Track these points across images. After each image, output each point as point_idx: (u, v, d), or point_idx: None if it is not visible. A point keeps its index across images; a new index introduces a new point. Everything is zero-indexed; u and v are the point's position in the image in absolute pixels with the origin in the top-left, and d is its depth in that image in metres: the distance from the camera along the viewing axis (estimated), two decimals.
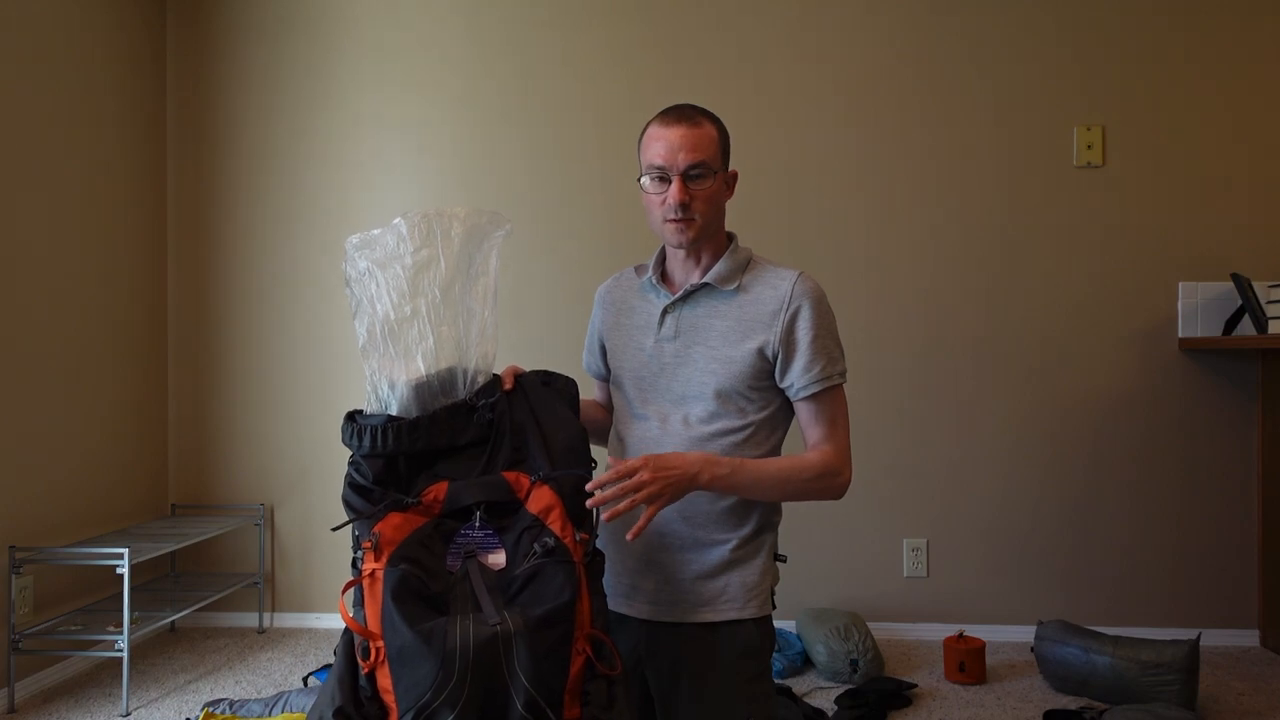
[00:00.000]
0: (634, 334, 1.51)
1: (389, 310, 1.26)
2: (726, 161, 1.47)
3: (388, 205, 3.51)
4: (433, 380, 1.28)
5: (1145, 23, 3.32)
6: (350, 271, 1.29)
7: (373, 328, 1.27)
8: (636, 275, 1.57)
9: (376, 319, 1.26)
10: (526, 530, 1.22)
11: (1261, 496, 3.26)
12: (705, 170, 1.40)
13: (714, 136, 1.43)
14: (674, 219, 1.41)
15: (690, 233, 1.42)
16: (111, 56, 3.30)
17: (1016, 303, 3.35)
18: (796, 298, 1.42)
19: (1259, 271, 3.22)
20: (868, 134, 3.39)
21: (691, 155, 1.39)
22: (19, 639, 2.77)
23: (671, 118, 1.42)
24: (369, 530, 1.19)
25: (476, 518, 1.22)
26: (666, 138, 1.40)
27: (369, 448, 1.23)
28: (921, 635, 3.34)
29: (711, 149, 1.42)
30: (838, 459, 1.43)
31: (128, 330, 3.38)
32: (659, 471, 1.29)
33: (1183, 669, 2.59)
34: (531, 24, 3.49)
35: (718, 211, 1.46)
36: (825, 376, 1.42)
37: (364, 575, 1.17)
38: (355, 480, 1.24)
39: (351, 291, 1.30)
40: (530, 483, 1.26)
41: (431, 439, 1.26)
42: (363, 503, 1.23)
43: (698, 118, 1.42)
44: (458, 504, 1.22)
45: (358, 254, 1.29)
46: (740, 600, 1.42)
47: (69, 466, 3.07)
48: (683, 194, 1.39)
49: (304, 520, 3.56)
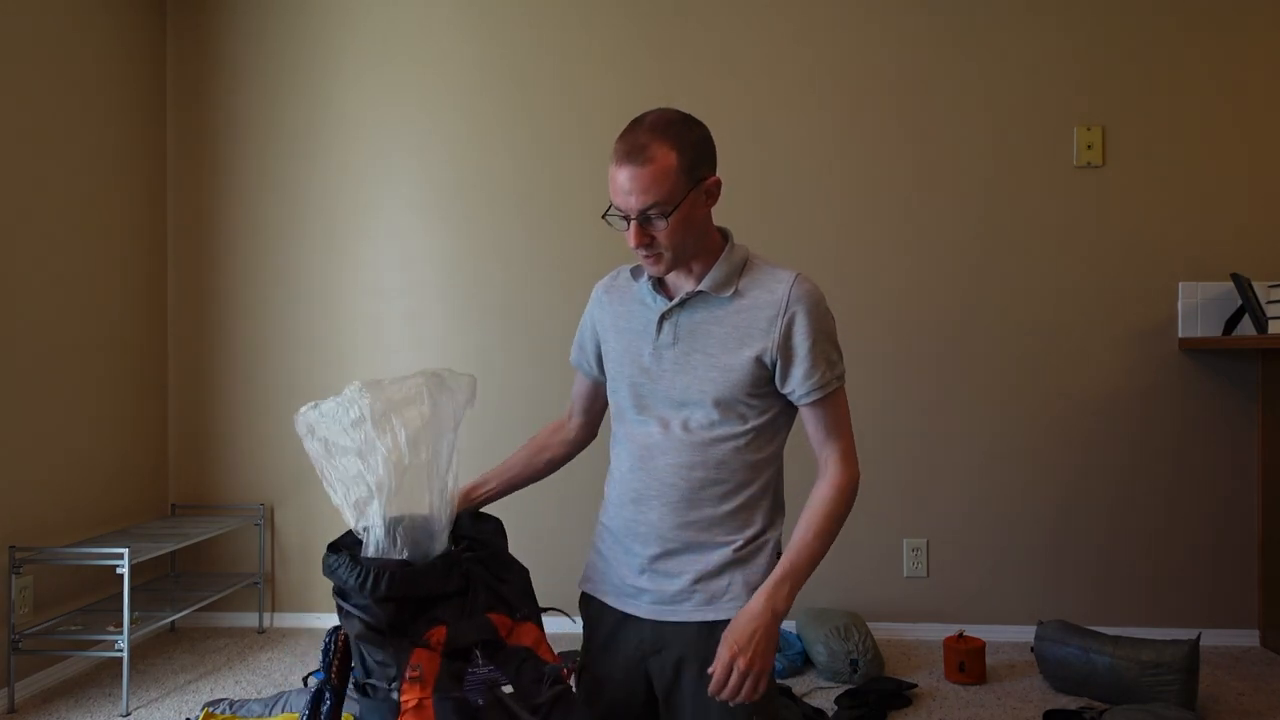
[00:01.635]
0: (632, 339, 1.50)
1: (404, 454, 1.32)
2: (695, 177, 1.38)
3: (388, 205, 3.51)
4: (424, 528, 1.35)
5: (1145, 23, 3.32)
6: (357, 412, 1.32)
7: (387, 468, 1.31)
8: (633, 278, 1.54)
9: (390, 461, 1.31)
10: (524, 663, 1.32)
11: (1261, 496, 3.26)
12: (660, 209, 1.35)
13: (669, 166, 1.34)
14: (642, 255, 1.41)
15: (660, 265, 1.41)
16: (111, 57, 3.30)
17: (1017, 303, 3.35)
18: (793, 303, 1.41)
19: (1259, 271, 3.22)
20: (868, 134, 3.39)
21: (642, 199, 1.34)
22: (19, 639, 2.76)
23: (621, 155, 1.36)
24: (404, 663, 1.25)
25: (477, 656, 1.30)
26: (617, 179, 1.36)
27: (385, 591, 1.27)
28: (921, 635, 3.34)
29: (665, 183, 1.34)
30: (846, 472, 1.44)
31: (127, 330, 3.38)
32: (746, 646, 1.33)
33: (1183, 669, 2.59)
34: (529, 24, 3.49)
35: (690, 234, 1.40)
36: (825, 382, 1.41)
37: (408, 707, 1.22)
38: (370, 624, 1.28)
39: (356, 431, 1.32)
40: (512, 621, 1.37)
41: (432, 585, 1.32)
42: (380, 642, 1.28)
43: (649, 149, 1.34)
44: (456, 644, 1.29)
45: (370, 394, 1.34)
46: (743, 599, 1.42)
47: (69, 466, 3.07)
48: (640, 238, 1.37)
49: (304, 520, 3.56)
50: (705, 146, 1.41)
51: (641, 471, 1.46)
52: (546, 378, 3.42)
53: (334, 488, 1.34)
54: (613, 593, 1.49)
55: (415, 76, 3.53)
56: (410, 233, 3.51)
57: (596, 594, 1.52)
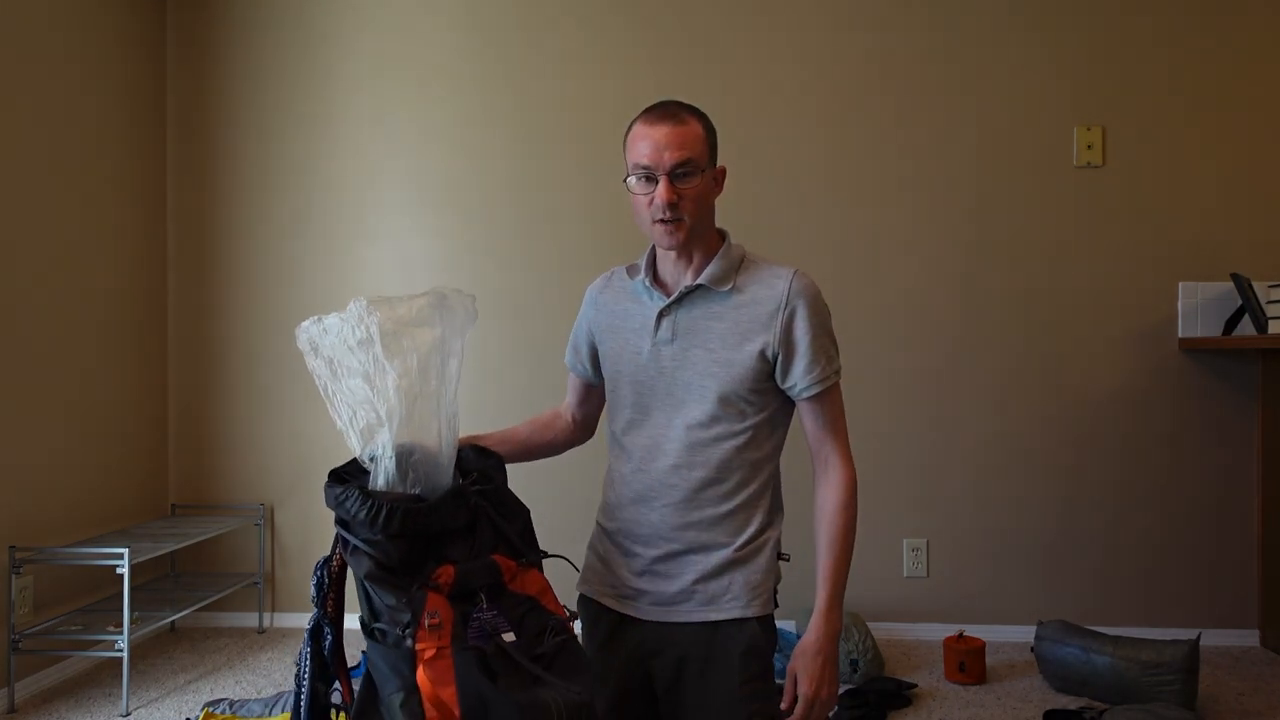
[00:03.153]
0: (630, 337, 1.49)
1: (414, 380, 1.24)
2: (714, 158, 1.43)
3: (387, 206, 3.51)
4: (433, 461, 1.27)
5: (1145, 23, 3.32)
6: (364, 332, 1.24)
7: (399, 395, 1.22)
8: (629, 276, 1.53)
9: (400, 389, 1.22)
10: (529, 612, 1.25)
11: (1261, 496, 3.26)
12: (692, 168, 1.37)
13: (700, 133, 1.39)
14: (662, 219, 1.38)
15: (680, 234, 1.40)
16: (111, 56, 3.30)
17: (1016, 303, 3.35)
18: (793, 297, 1.41)
19: (1259, 271, 3.22)
20: (867, 134, 3.39)
21: (677, 154, 1.35)
22: (19, 639, 2.76)
23: (656, 115, 1.39)
24: (418, 610, 1.17)
25: (482, 599, 1.23)
26: (651, 136, 1.37)
27: (398, 527, 1.20)
28: (921, 635, 3.34)
29: (698, 146, 1.38)
30: (847, 472, 1.45)
31: (128, 330, 3.38)
32: (820, 679, 1.39)
33: (1183, 669, 2.60)
34: (527, 25, 3.49)
35: (707, 210, 1.42)
36: (824, 377, 1.42)
37: (425, 657, 1.15)
38: (382, 562, 1.21)
39: (363, 351, 1.24)
40: (517, 565, 1.29)
41: (444, 521, 1.25)
42: (391, 584, 1.20)
43: (683, 115, 1.39)
44: (464, 587, 1.22)
45: (379, 312, 1.25)
46: (743, 599, 1.42)
47: (69, 466, 3.07)
48: (670, 194, 1.36)
49: (304, 520, 3.56)
50: (716, 138, 1.46)
51: (642, 473, 1.46)
52: (544, 378, 3.42)
53: (339, 411, 1.27)
54: (611, 595, 1.49)
55: (414, 77, 3.53)
56: (408, 233, 3.51)
57: (595, 596, 1.51)
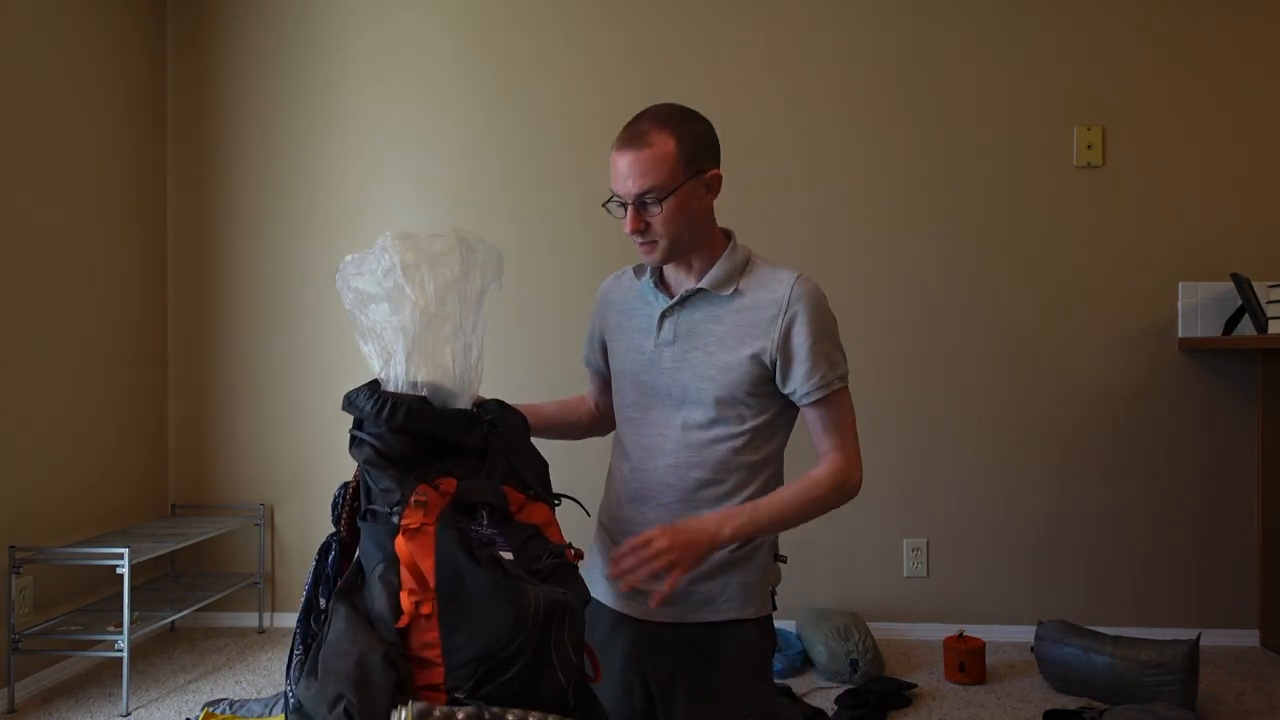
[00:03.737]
0: (634, 336, 1.50)
1: (430, 302, 1.29)
2: (694, 168, 1.39)
3: (387, 204, 3.51)
4: (447, 381, 1.30)
5: (1145, 23, 3.32)
6: (388, 261, 1.32)
7: (414, 315, 1.29)
8: (636, 276, 1.55)
9: (417, 308, 1.29)
10: (530, 539, 1.24)
11: (1261, 496, 3.26)
12: (656, 195, 1.36)
13: (668, 152, 1.36)
14: (638, 242, 1.41)
15: (655, 254, 1.42)
16: (111, 56, 3.30)
17: (1016, 303, 3.35)
18: (794, 302, 1.40)
19: (1259, 271, 3.21)
20: (867, 134, 3.39)
21: (639, 183, 1.36)
22: (19, 639, 2.76)
23: (622, 141, 1.38)
24: (409, 490, 1.19)
25: (483, 516, 1.23)
26: (616, 165, 1.38)
27: (401, 421, 1.22)
28: (921, 635, 3.34)
29: (663, 169, 1.35)
30: (845, 464, 1.41)
31: (128, 330, 3.38)
32: (677, 537, 1.30)
33: (1183, 669, 2.59)
34: (526, 27, 3.49)
35: (688, 225, 1.41)
36: (826, 383, 1.40)
37: (409, 528, 1.15)
38: (380, 449, 1.23)
39: (387, 279, 1.32)
40: (525, 498, 1.29)
41: (450, 430, 1.27)
42: (387, 470, 1.22)
43: (649, 136, 1.36)
44: (465, 500, 1.23)
45: (401, 244, 1.32)
46: (740, 600, 1.42)
47: (69, 466, 3.07)
48: (635, 223, 1.38)
49: (304, 520, 3.56)
50: (706, 139, 1.42)
51: (640, 472, 1.46)
52: (542, 378, 3.42)
53: (364, 337, 1.32)
54: (609, 594, 1.49)
55: (413, 77, 3.53)
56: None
57: (593, 594, 1.51)
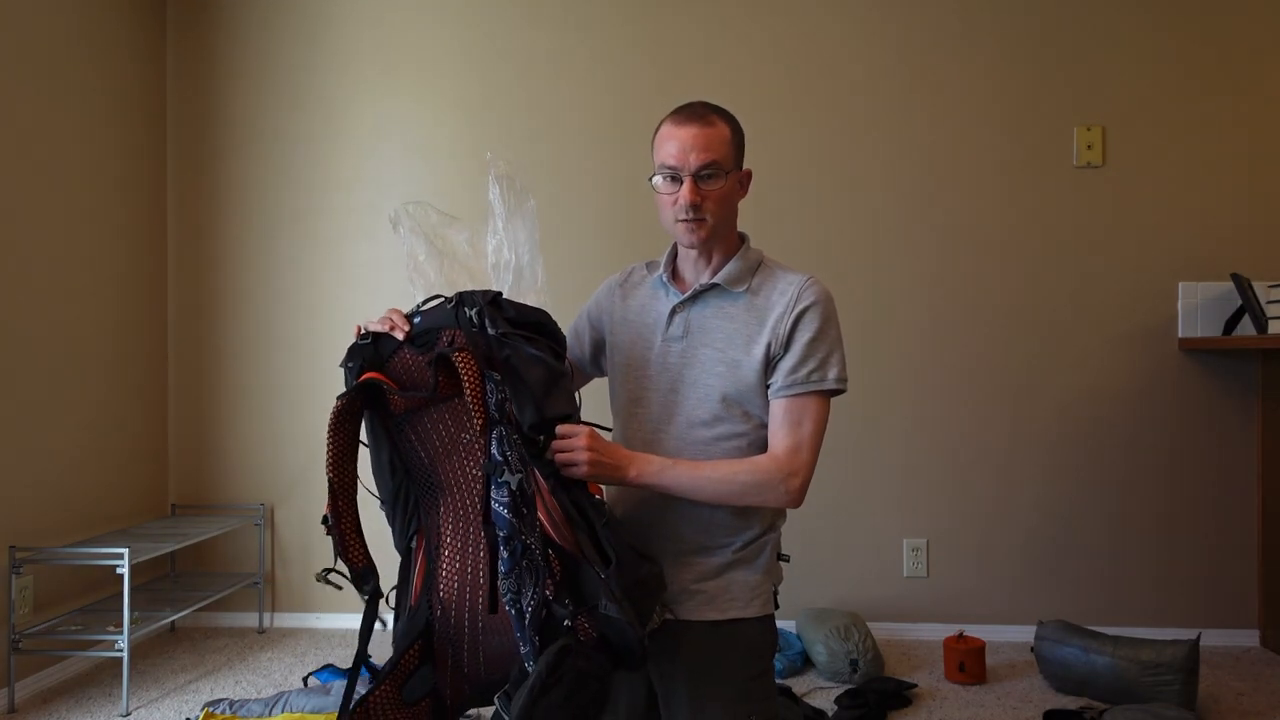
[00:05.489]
0: (642, 331, 1.50)
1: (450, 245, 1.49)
2: (740, 161, 1.45)
3: (387, 206, 3.50)
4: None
5: (1145, 23, 3.32)
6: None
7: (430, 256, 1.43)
8: (648, 272, 1.56)
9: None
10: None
11: (1261, 496, 3.26)
12: (717, 170, 1.39)
13: (726, 136, 1.41)
14: (685, 219, 1.41)
15: (702, 233, 1.42)
16: (111, 55, 3.30)
17: (1016, 302, 3.35)
18: (802, 301, 1.41)
19: (1259, 271, 3.21)
20: (865, 134, 3.39)
21: (703, 155, 1.38)
22: (19, 639, 2.76)
23: (684, 117, 1.41)
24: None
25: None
26: (678, 137, 1.39)
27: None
28: (921, 635, 3.34)
29: (724, 149, 1.40)
30: (788, 464, 1.36)
31: (128, 330, 3.38)
32: (596, 447, 1.32)
33: (1183, 669, 2.59)
34: (526, 25, 3.49)
35: (730, 211, 1.45)
36: (809, 379, 1.38)
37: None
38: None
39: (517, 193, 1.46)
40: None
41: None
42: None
43: (710, 116, 1.41)
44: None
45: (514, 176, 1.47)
46: (743, 599, 1.42)
47: (69, 466, 3.07)
48: (694, 195, 1.39)
49: (304, 520, 3.56)
50: (744, 140, 1.48)
51: None
52: None
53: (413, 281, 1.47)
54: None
55: (414, 76, 3.53)
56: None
57: None
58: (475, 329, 1.31)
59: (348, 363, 1.38)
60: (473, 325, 1.31)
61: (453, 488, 1.40)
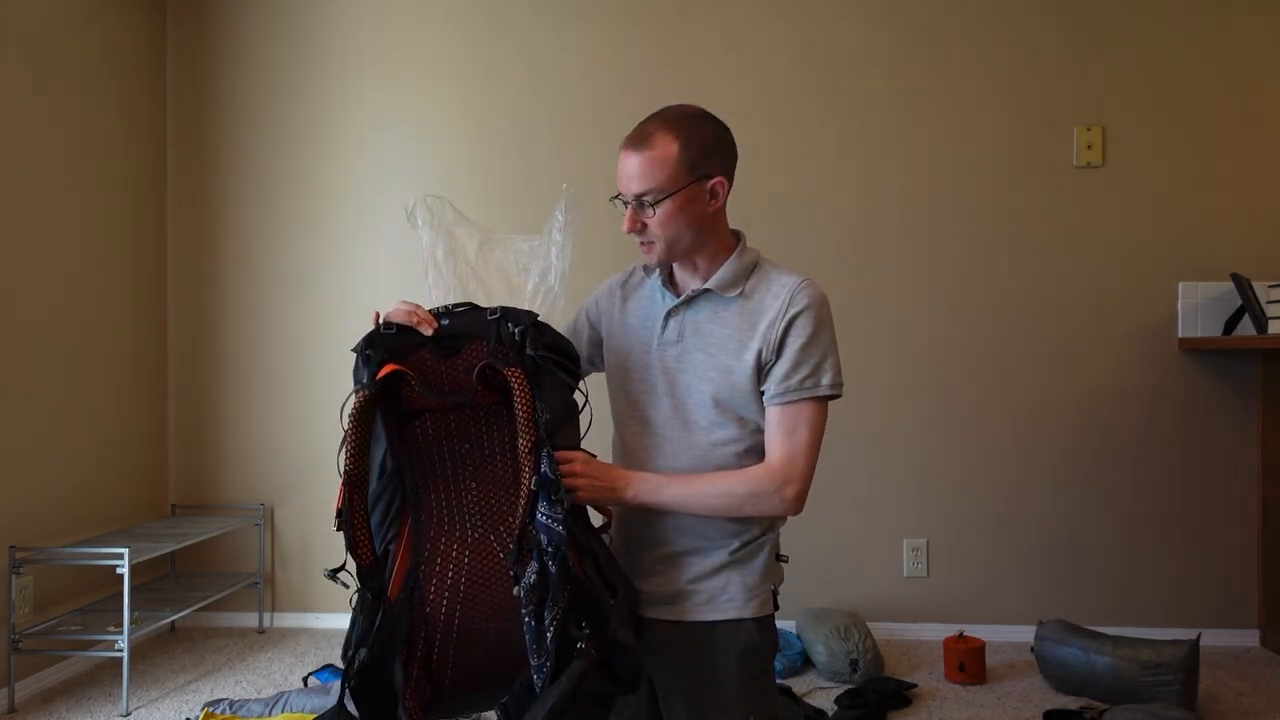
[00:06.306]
0: (639, 333, 1.50)
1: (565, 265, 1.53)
2: (697, 173, 1.38)
3: (387, 205, 3.51)
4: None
5: (1145, 23, 3.32)
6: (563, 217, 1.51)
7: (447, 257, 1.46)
8: (646, 274, 1.56)
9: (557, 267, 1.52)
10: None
11: (1261, 496, 3.26)
12: (653, 196, 1.37)
13: (668, 156, 1.36)
14: (637, 241, 1.43)
15: (652, 255, 1.43)
16: (111, 56, 3.30)
17: (1016, 302, 3.35)
18: (794, 305, 1.39)
19: (1259, 271, 3.21)
20: (867, 134, 3.39)
21: (637, 184, 1.37)
22: (19, 639, 2.76)
23: (626, 141, 1.40)
24: None
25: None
26: (621, 166, 1.40)
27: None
28: (921, 635, 3.34)
29: (663, 172, 1.36)
30: (783, 473, 1.36)
31: (128, 331, 3.38)
32: (591, 470, 1.34)
33: (1183, 669, 2.59)
34: (527, 24, 3.49)
35: (687, 227, 1.40)
36: (802, 386, 1.36)
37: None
38: None
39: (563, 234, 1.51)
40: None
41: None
42: None
43: (653, 137, 1.37)
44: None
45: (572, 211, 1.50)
46: (741, 599, 1.42)
47: (69, 466, 3.07)
48: (631, 223, 1.40)
49: (304, 520, 3.56)
50: (717, 145, 1.41)
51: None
52: None
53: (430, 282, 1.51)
54: None
55: (415, 75, 3.53)
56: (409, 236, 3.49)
57: None
58: (519, 346, 1.31)
59: (366, 350, 1.33)
60: (515, 342, 1.31)
61: (441, 494, 1.40)
